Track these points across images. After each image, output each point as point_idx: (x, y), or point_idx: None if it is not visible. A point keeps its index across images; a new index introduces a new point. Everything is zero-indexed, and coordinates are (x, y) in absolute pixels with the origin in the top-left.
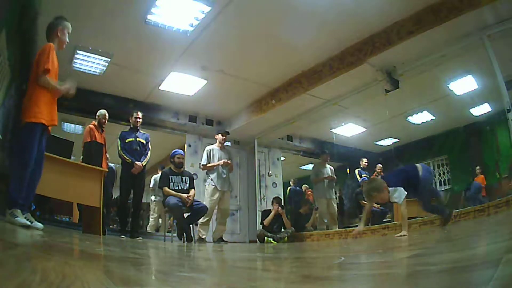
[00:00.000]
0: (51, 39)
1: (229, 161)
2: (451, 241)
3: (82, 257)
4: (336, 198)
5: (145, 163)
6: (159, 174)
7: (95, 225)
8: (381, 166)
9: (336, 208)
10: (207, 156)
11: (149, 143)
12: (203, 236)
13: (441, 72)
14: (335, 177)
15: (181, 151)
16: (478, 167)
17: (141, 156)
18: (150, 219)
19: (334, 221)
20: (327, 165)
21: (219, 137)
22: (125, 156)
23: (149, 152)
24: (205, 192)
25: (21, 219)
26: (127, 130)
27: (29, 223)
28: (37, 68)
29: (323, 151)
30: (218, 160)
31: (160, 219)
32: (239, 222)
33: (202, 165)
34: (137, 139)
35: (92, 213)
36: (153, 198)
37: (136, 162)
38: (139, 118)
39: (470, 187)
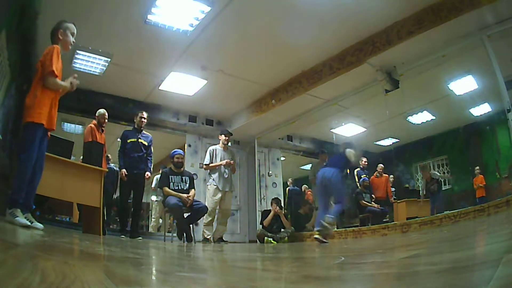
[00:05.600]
0: (54, 42)
1: (231, 161)
2: (451, 241)
3: (82, 257)
4: None
5: (150, 175)
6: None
7: (95, 225)
8: (383, 166)
9: None
10: (210, 156)
11: (152, 146)
12: (208, 236)
13: (441, 72)
14: None
15: (180, 151)
16: (477, 167)
17: (142, 159)
18: (152, 219)
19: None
20: None
21: (222, 137)
22: (118, 160)
23: (152, 156)
24: (206, 192)
25: (21, 219)
26: (131, 129)
27: (29, 223)
28: (42, 69)
29: (322, 151)
30: (221, 161)
31: (160, 219)
32: (239, 222)
33: (205, 165)
34: (139, 140)
35: (92, 213)
36: (154, 198)
37: (123, 170)
38: (144, 118)
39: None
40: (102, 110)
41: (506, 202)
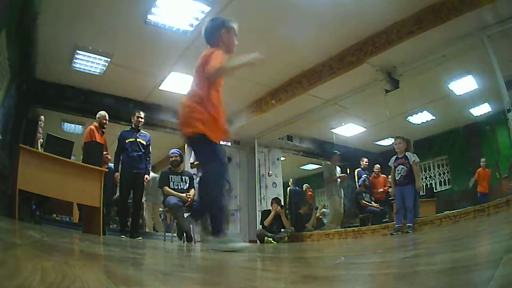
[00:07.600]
0: (214, 43)
1: None
2: (451, 241)
3: (82, 257)
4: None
5: (148, 176)
6: (156, 174)
7: (95, 225)
8: (379, 166)
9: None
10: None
11: (150, 145)
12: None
13: (441, 72)
14: (346, 175)
15: (175, 151)
16: (483, 159)
17: (142, 158)
18: (146, 219)
19: (340, 219)
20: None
21: None
22: (113, 161)
23: (150, 156)
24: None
25: (237, 242)
26: (128, 129)
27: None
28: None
29: (334, 152)
30: None
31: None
32: (239, 222)
33: (190, 163)
34: (138, 139)
35: (92, 213)
36: (144, 198)
37: (116, 174)
38: (142, 118)
39: None
40: (103, 112)
41: (506, 202)
